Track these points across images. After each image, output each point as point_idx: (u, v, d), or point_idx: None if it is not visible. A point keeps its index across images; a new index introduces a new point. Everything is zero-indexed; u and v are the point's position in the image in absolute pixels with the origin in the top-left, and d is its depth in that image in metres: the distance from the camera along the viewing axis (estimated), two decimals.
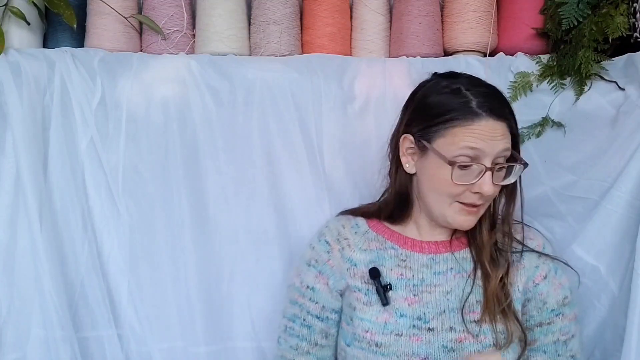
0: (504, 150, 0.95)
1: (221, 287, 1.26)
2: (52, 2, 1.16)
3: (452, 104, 0.95)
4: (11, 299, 1.15)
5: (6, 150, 1.14)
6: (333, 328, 1.07)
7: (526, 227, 1.08)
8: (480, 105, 0.94)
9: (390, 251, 1.04)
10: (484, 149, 0.93)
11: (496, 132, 0.93)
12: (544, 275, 1.03)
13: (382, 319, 0.99)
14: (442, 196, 0.97)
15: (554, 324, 1.02)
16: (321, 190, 1.26)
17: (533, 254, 1.04)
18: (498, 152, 0.94)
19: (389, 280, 1.01)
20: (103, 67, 1.21)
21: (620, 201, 1.15)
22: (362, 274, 1.03)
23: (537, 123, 1.26)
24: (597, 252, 1.19)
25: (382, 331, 0.98)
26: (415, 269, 1.02)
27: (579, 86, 1.22)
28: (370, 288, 1.02)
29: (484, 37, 1.32)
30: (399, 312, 0.99)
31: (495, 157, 0.94)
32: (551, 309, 1.02)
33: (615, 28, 1.13)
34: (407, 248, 1.04)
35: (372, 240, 1.06)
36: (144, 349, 1.23)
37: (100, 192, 1.21)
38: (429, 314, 0.99)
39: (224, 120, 1.25)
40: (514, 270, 1.02)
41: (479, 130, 0.93)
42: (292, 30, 1.32)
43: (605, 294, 1.18)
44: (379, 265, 1.03)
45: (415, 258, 1.03)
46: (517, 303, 1.01)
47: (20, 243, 1.15)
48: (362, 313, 1.01)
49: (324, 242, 1.08)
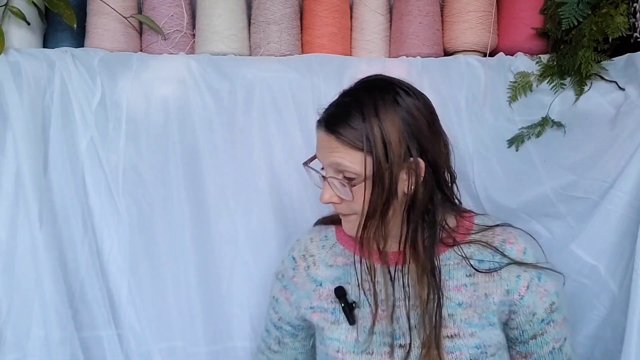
0: (335, 164, 0.90)
1: (221, 287, 1.26)
2: (52, 2, 1.16)
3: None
4: (11, 299, 1.15)
5: (6, 150, 1.14)
6: (286, 337, 1.10)
7: (506, 228, 1.00)
8: (321, 116, 0.95)
9: (357, 265, 0.97)
10: (320, 159, 0.94)
11: (326, 144, 0.92)
12: (526, 286, 0.95)
13: (351, 338, 0.97)
14: None
15: (547, 333, 0.98)
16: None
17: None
18: (330, 163, 0.91)
19: (354, 298, 0.98)
20: (103, 67, 1.21)
21: (620, 201, 1.14)
22: (329, 292, 1.01)
23: (537, 123, 1.26)
24: (597, 252, 1.18)
25: (353, 350, 0.96)
26: (381, 283, 0.96)
27: (579, 86, 1.22)
28: (336, 307, 1.00)
29: (484, 37, 1.32)
30: (367, 329, 0.96)
31: (334, 170, 0.91)
32: (541, 319, 0.96)
33: (615, 28, 1.13)
34: (374, 261, 0.95)
35: (338, 255, 1.04)
36: (144, 349, 1.23)
37: (100, 192, 1.21)
38: (398, 331, 0.95)
39: (224, 120, 1.25)
40: (490, 280, 0.95)
41: (318, 139, 0.95)
42: (292, 30, 1.32)
43: (605, 294, 1.18)
44: (344, 282, 1.00)
45: (382, 271, 0.96)
46: (491, 315, 0.94)
47: (20, 243, 1.15)
48: (330, 333, 0.99)
49: (290, 258, 1.09)
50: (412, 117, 0.90)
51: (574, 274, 1.17)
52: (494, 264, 0.96)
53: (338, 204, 0.94)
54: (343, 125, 0.89)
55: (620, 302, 1.15)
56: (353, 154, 0.89)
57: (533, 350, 0.99)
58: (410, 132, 0.89)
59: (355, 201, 0.91)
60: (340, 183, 0.91)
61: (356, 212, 0.92)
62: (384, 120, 0.88)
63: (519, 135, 1.26)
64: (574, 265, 1.18)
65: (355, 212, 0.93)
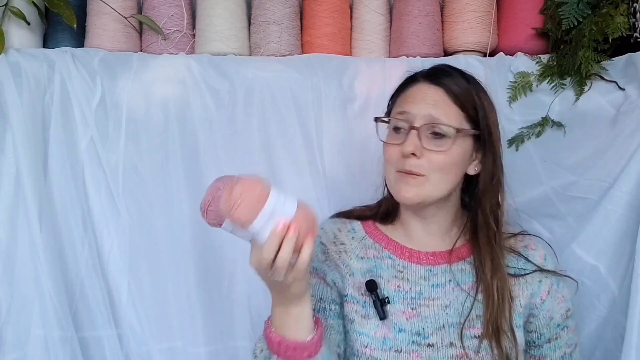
0: (433, 115, 0.93)
1: (221, 287, 1.26)
2: (52, 2, 1.16)
3: (404, 78, 1.02)
4: (11, 299, 1.15)
5: (6, 150, 1.14)
6: (332, 319, 1.00)
7: (526, 235, 1.05)
8: (422, 73, 0.99)
9: (387, 261, 1.00)
10: (411, 111, 0.95)
11: (426, 96, 0.95)
12: (547, 291, 0.99)
13: (380, 334, 0.96)
14: (387, 166, 0.98)
15: (561, 338, 1.00)
16: (321, 190, 1.26)
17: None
18: (426, 115, 0.93)
19: (386, 293, 0.97)
20: (103, 67, 1.21)
21: (620, 201, 1.15)
22: (360, 284, 0.99)
23: (537, 123, 1.26)
24: (597, 252, 1.19)
25: (381, 347, 0.95)
26: (412, 281, 0.98)
27: (579, 86, 1.22)
28: (367, 300, 0.98)
29: (484, 37, 1.32)
30: (397, 326, 0.95)
31: (427, 121, 0.93)
32: (557, 324, 1.00)
33: (615, 28, 1.13)
34: (404, 259, 1.00)
35: (369, 248, 1.03)
36: (144, 349, 1.23)
37: (100, 192, 1.21)
38: (427, 329, 0.95)
39: (224, 120, 1.25)
40: (516, 283, 0.98)
41: (410, 93, 0.97)
42: (292, 30, 1.32)
43: (605, 294, 1.18)
44: (376, 276, 0.99)
45: (413, 269, 0.99)
46: (518, 317, 0.97)
47: (20, 243, 1.15)
48: (360, 327, 0.97)
49: (319, 244, 1.04)
50: (491, 104, 0.99)
51: (574, 274, 1.16)
52: (518, 269, 0.99)
53: (417, 158, 0.93)
54: (450, 80, 0.96)
55: (620, 302, 1.15)
56: (454, 110, 0.94)
57: (546, 354, 1.01)
58: (495, 115, 0.99)
59: (432, 159, 0.93)
60: (430, 135, 0.94)
61: (426, 173, 0.94)
62: (480, 89, 0.98)
63: (519, 135, 1.26)
64: (574, 265, 1.18)
65: (423, 174, 0.94)
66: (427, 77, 0.97)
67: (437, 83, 0.96)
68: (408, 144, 0.92)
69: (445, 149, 0.93)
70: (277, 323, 0.87)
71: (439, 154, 0.93)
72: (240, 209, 0.75)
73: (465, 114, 0.95)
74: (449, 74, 0.98)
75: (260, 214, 0.76)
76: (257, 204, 0.76)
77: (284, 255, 0.78)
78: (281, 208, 0.78)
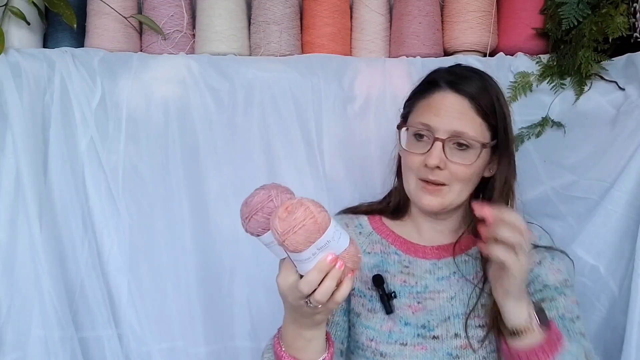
0: (459, 129, 0.93)
1: (221, 287, 1.26)
2: (52, 2, 1.16)
3: (425, 81, 1.01)
4: (11, 299, 1.15)
5: (6, 150, 1.14)
6: (337, 316, 1.02)
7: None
8: (444, 78, 0.97)
9: (393, 256, 1.03)
10: (436, 125, 0.94)
11: (451, 108, 0.94)
12: (538, 262, 0.99)
13: (386, 328, 0.97)
14: (407, 172, 0.99)
15: (557, 300, 0.97)
16: (321, 190, 1.26)
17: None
18: (451, 129, 0.93)
19: (392, 288, 0.99)
20: (103, 67, 1.21)
21: (620, 201, 1.15)
22: (366, 279, 1.01)
23: (537, 123, 1.26)
24: (597, 252, 1.19)
25: (387, 340, 0.96)
26: (418, 276, 1.00)
27: (579, 86, 1.22)
28: (373, 295, 0.99)
29: (484, 37, 1.32)
30: (403, 320, 0.97)
31: (452, 134, 0.93)
32: (554, 287, 0.98)
33: (615, 28, 1.13)
34: (410, 254, 1.02)
35: (376, 243, 1.05)
36: (144, 349, 1.23)
37: (100, 192, 1.21)
38: (433, 322, 0.96)
39: (224, 120, 1.25)
40: None
41: (434, 104, 0.95)
42: (292, 30, 1.32)
43: (605, 294, 1.18)
44: (383, 270, 1.01)
45: (418, 264, 1.01)
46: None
47: (20, 243, 1.15)
48: (366, 320, 0.99)
49: None
50: (507, 105, 0.99)
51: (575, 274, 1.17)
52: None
53: (441, 170, 0.94)
54: (472, 87, 0.95)
55: (620, 302, 1.15)
56: (478, 122, 0.94)
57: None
58: (510, 117, 0.99)
59: (456, 171, 0.93)
60: (454, 146, 0.94)
61: (448, 182, 0.95)
62: (498, 91, 0.97)
63: (519, 135, 1.26)
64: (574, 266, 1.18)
65: (446, 183, 0.95)
66: (450, 85, 0.96)
67: (460, 92, 0.95)
68: (433, 157, 0.93)
69: (469, 162, 0.94)
70: (289, 342, 0.85)
71: (463, 166, 0.94)
72: (296, 236, 0.70)
73: (487, 124, 0.96)
74: (470, 79, 0.96)
75: (313, 245, 0.71)
76: (315, 235, 0.71)
77: (325, 290, 0.75)
78: (335, 243, 0.74)
